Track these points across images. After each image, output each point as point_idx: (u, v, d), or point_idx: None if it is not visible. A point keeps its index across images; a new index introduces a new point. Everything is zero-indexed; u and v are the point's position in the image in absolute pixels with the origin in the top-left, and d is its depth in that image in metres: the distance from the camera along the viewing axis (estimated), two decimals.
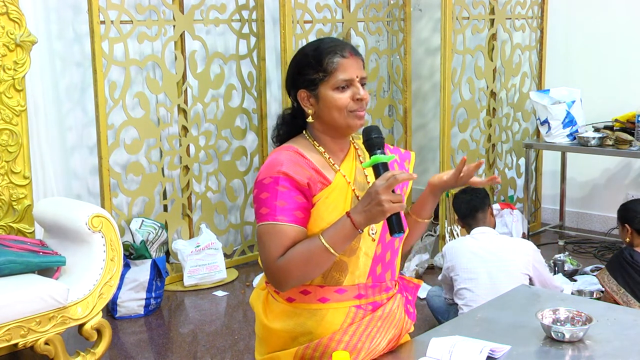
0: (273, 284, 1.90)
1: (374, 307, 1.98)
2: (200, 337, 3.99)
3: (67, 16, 4.48)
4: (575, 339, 2.03)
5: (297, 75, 1.96)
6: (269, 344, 2.01)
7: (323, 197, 1.89)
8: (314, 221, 1.88)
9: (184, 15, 4.65)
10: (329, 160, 1.96)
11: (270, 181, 1.86)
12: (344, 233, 1.80)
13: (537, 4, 5.67)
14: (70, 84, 4.55)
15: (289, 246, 1.84)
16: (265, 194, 1.86)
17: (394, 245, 2.02)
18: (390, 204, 1.74)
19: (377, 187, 1.75)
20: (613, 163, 5.60)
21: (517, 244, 3.66)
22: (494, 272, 3.45)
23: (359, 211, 1.78)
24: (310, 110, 1.95)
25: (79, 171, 4.66)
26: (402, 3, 5.57)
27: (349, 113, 1.91)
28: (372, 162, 1.83)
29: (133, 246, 4.24)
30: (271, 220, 1.85)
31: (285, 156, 1.90)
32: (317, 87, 1.92)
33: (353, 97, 1.91)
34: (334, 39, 2.00)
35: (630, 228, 3.72)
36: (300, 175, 1.87)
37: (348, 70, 1.91)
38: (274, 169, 1.87)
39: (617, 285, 3.53)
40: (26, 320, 3.10)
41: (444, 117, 5.02)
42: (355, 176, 1.98)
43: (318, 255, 1.81)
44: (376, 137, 1.86)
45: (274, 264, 1.84)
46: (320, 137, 1.98)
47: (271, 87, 5.40)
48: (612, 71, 5.49)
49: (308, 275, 1.87)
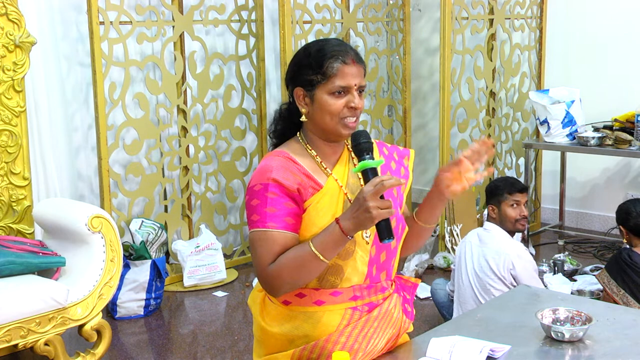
0: (266, 290, 1.91)
1: (369, 307, 1.97)
2: (200, 337, 3.99)
3: (70, 17, 4.49)
4: (575, 339, 2.03)
5: (297, 73, 1.96)
6: (267, 346, 2.01)
7: (314, 201, 1.89)
8: (306, 226, 1.88)
9: (183, 15, 4.65)
10: (320, 164, 1.96)
11: (260, 188, 1.86)
12: (333, 239, 1.80)
13: (536, 4, 5.68)
14: (75, 84, 4.56)
15: (279, 252, 1.84)
16: (255, 200, 1.87)
17: (389, 246, 2.01)
18: (378, 210, 1.73)
19: (365, 194, 1.74)
20: (613, 163, 5.60)
21: (504, 244, 3.60)
22: (474, 266, 3.61)
23: (347, 217, 1.78)
24: (305, 109, 1.94)
25: (83, 171, 4.66)
26: (402, 3, 5.57)
27: (340, 120, 1.91)
28: (360, 167, 1.83)
29: (133, 247, 4.24)
30: (261, 227, 1.85)
31: (276, 162, 1.90)
32: (314, 89, 1.91)
33: (347, 104, 1.90)
34: (340, 42, 1.97)
35: (624, 229, 3.71)
36: (290, 181, 1.87)
37: (347, 77, 1.90)
38: (264, 176, 1.87)
39: (617, 286, 3.52)
40: (26, 321, 3.10)
41: (443, 117, 5.02)
42: (348, 180, 1.97)
43: (308, 261, 1.81)
44: (364, 142, 1.85)
45: (265, 271, 1.85)
46: (313, 139, 1.98)
47: (270, 88, 5.40)
48: (612, 71, 5.49)
49: (300, 281, 1.87)
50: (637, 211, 3.70)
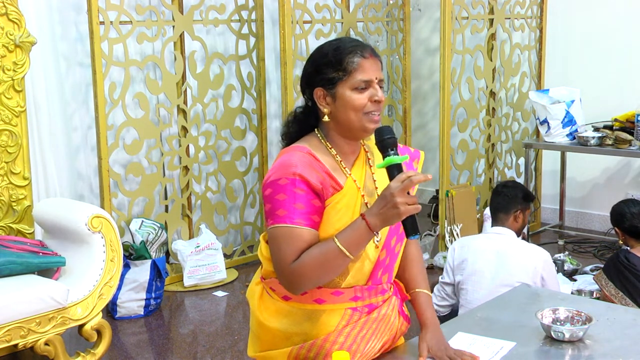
0: (286, 287, 1.89)
1: (369, 309, 1.97)
2: (200, 337, 3.99)
3: (70, 16, 4.49)
4: (575, 339, 2.03)
5: (314, 74, 1.93)
6: (263, 341, 2.00)
7: (334, 201, 1.87)
8: (323, 226, 1.86)
9: (184, 15, 4.65)
10: (340, 163, 1.94)
11: (287, 182, 1.82)
12: (360, 235, 1.78)
13: (536, 4, 5.68)
14: (74, 84, 4.56)
15: (303, 250, 1.82)
16: (282, 195, 1.82)
17: (394, 250, 2.01)
18: (406, 206, 1.73)
19: (393, 190, 1.73)
20: (613, 162, 5.60)
21: (528, 254, 3.45)
22: (497, 278, 3.38)
23: (374, 213, 1.76)
24: (326, 109, 1.91)
25: (83, 171, 4.66)
26: (402, 3, 5.57)
27: (365, 115, 1.89)
28: (386, 163, 1.81)
29: (133, 247, 4.24)
30: (289, 223, 1.82)
31: (299, 157, 1.87)
32: (335, 86, 1.89)
33: (371, 98, 1.89)
34: (354, 39, 1.97)
35: (619, 230, 3.70)
36: (315, 179, 1.84)
37: (368, 71, 1.89)
38: (289, 170, 1.83)
39: (615, 288, 3.50)
40: (26, 320, 3.10)
41: (443, 117, 5.02)
42: (365, 182, 1.96)
43: (333, 258, 1.79)
44: (389, 138, 1.84)
45: (289, 268, 1.82)
46: (333, 137, 1.95)
47: (270, 88, 5.40)
48: (612, 71, 5.49)
49: (322, 279, 1.86)
50: (632, 212, 3.68)
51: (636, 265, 3.47)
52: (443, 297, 3.68)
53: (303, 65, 2.00)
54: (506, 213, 3.61)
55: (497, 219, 3.64)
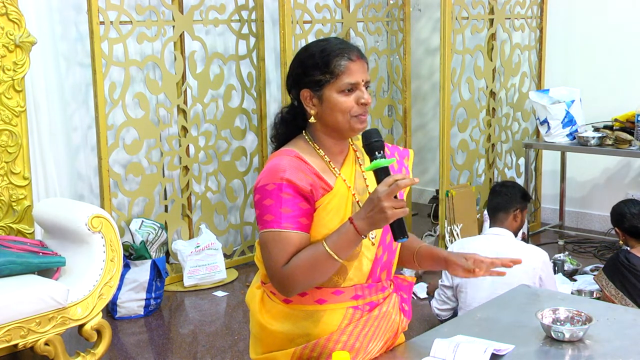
0: (279, 291, 1.90)
1: (370, 307, 1.98)
2: (200, 337, 3.99)
3: (70, 16, 4.48)
4: (575, 339, 2.03)
5: (301, 75, 1.94)
6: (265, 344, 2.01)
7: (324, 202, 1.89)
8: (315, 227, 1.88)
9: (184, 15, 4.65)
10: (329, 164, 1.95)
11: (274, 187, 1.84)
12: (348, 239, 1.80)
13: (536, 4, 5.67)
14: (74, 84, 4.56)
15: (293, 253, 1.83)
16: (269, 200, 1.84)
17: (392, 247, 2.02)
18: (393, 210, 1.73)
19: (380, 194, 1.74)
20: (613, 163, 5.60)
21: (527, 255, 3.40)
22: (496, 280, 3.30)
23: (361, 217, 1.78)
24: (313, 110, 1.93)
25: (83, 171, 4.66)
26: (402, 3, 5.57)
27: (352, 117, 1.90)
28: (373, 166, 1.82)
29: (133, 247, 4.24)
30: (276, 228, 1.84)
31: (287, 162, 1.88)
32: (322, 89, 1.90)
33: (357, 101, 1.90)
34: (341, 40, 1.97)
35: (619, 231, 3.69)
36: (303, 182, 1.86)
37: (355, 74, 1.90)
38: (277, 175, 1.85)
39: (615, 288, 3.50)
40: (26, 320, 3.10)
41: (443, 117, 5.02)
42: (355, 180, 1.97)
43: (322, 261, 1.81)
44: (376, 141, 1.84)
45: (280, 271, 1.84)
46: (320, 139, 1.96)
47: (270, 88, 5.40)
48: (612, 71, 5.49)
49: (314, 281, 1.87)
50: (632, 212, 3.68)
51: (636, 265, 3.47)
52: (444, 301, 3.68)
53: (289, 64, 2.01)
54: (506, 212, 3.62)
55: (496, 218, 3.64)
